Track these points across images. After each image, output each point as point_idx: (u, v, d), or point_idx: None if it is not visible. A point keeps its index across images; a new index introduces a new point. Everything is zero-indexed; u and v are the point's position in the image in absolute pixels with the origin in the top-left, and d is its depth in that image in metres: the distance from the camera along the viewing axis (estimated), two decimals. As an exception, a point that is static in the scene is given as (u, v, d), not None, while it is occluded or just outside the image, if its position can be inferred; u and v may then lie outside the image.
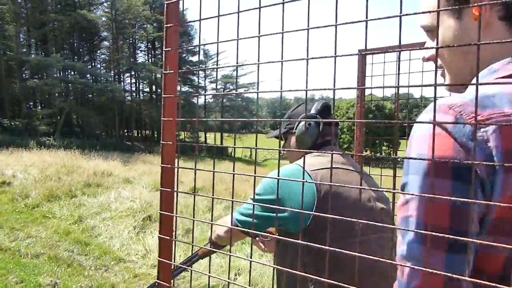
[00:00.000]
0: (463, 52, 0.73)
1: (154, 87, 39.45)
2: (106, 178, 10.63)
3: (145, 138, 38.74)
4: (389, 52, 1.64)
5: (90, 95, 34.60)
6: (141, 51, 40.64)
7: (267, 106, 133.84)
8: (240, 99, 44.30)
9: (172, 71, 0.90)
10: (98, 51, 37.96)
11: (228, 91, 43.87)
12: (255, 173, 0.82)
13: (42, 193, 7.86)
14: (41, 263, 4.56)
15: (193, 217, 1.24)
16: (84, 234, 5.73)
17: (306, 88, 0.65)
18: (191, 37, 40.86)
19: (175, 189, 0.95)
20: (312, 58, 0.60)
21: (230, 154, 41.78)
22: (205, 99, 43.08)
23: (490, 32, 0.70)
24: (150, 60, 39.33)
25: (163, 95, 0.92)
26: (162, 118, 0.93)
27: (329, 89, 0.59)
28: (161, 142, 0.94)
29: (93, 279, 4.23)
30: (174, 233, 0.94)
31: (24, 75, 30.71)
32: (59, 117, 29.34)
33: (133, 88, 39.09)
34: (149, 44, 39.95)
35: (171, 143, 0.93)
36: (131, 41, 38.38)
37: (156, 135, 39.63)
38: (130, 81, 38.90)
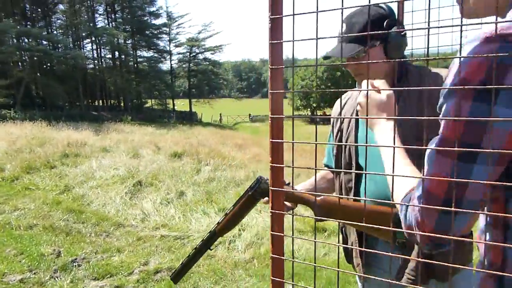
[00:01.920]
0: None
1: (117, 53, 37.77)
2: (82, 148, 10.30)
3: (111, 107, 37.48)
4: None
5: (50, 64, 32.78)
6: (100, 14, 38.49)
7: (232, 70, 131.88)
8: (207, 62, 43.29)
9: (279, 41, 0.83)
10: (54, 16, 35.61)
11: (194, 55, 42.73)
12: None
13: (19, 166, 7.54)
14: (37, 233, 4.44)
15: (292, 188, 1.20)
16: (75, 203, 5.59)
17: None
18: (154, -2, 39.01)
19: (284, 165, 0.90)
20: (348, 7, 0.59)
21: (199, 120, 41.34)
22: (170, 64, 41.89)
23: None
24: (110, 25, 37.39)
25: (270, 67, 0.85)
26: (270, 91, 0.87)
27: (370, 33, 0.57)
28: (270, 116, 0.88)
29: (96, 245, 4.18)
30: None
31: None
32: (18, 88, 27.75)
33: (95, 55, 37.28)
34: (108, 7, 37.83)
35: (282, 116, 0.88)
36: (88, 4, 36.18)
37: (122, 104, 38.43)
38: (92, 47, 37.01)
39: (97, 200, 5.74)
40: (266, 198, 1.42)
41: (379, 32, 1.25)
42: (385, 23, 1.25)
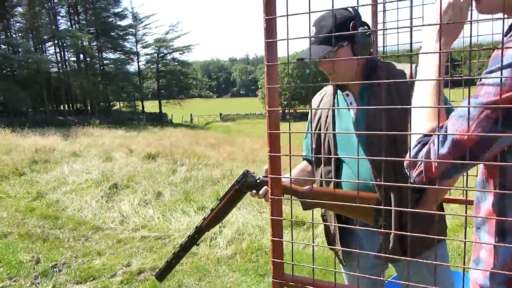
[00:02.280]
0: None
1: (82, 56, 36.74)
2: (51, 154, 10.05)
3: (78, 111, 36.44)
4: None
5: (10, 69, 31.49)
6: (62, 16, 37.29)
7: (201, 69, 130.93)
8: (176, 63, 42.79)
9: (276, 40, 0.91)
10: (12, 19, 34.21)
11: (162, 56, 42.17)
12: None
13: (-14, 174, 7.29)
14: (12, 241, 4.33)
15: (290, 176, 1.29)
16: (50, 209, 5.48)
17: None
18: (119, -1, 38.15)
19: (281, 153, 0.98)
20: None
21: (170, 121, 40.85)
22: (138, 65, 41.16)
23: None
24: (74, 27, 36.30)
25: (266, 63, 0.92)
26: (266, 86, 0.94)
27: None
28: (267, 109, 0.95)
29: (76, 249, 4.13)
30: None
31: None
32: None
33: (59, 58, 36.07)
34: (70, 9, 36.72)
35: (278, 109, 0.96)
36: (49, 6, 35.00)
37: (89, 107, 37.42)
38: (55, 50, 35.77)
39: (72, 205, 5.64)
40: (254, 191, 1.49)
41: (345, 33, 1.35)
42: (350, 25, 1.35)
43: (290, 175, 1.18)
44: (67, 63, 37.22)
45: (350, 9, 1.38)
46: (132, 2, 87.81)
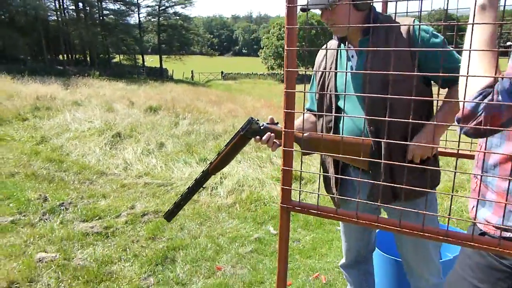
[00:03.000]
0: None
1: (81, 5, 35.73)
2: (53, 102, 10.09)
3: (77, 62, 35.92)
4: None
5: (8, 15, 30.68)
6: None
7: (203, 26, 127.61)
8: (178, 17, 41.73)
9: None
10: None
11: (164, 8, 41.07)
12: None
13: (-11, 117, 7.36)
14: (20, 181, 4.47)
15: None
16: (54, 153, 5.60)
17: None
18: None
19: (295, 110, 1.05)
20: None
21: (171, 76, 40.45)
22: (139, 18, 40.16)
23: None
24: (73, -27, 35.06)
25: (286, 26, 0.98)
26: (286, 48, 0.99)
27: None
28: (285, 69, 1.01)
29: (81, 191, 4.28)
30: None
31: None
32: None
33: (57, 6, 35.07)
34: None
35: (296, 70, 1.02)
36: (48, -51, 33.60)
37: (89, 58, 36.86)
38: (54, -3, 34.75)
39: (76, 151, 5.76)
40: (258, 137, 1.59)
41: None
42: None
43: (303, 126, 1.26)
44: (66, 12, 36.25)
45: None
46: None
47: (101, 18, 37.87)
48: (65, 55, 35.54)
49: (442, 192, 1.66)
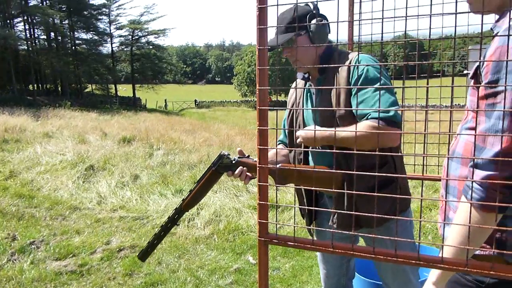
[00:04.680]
0: None
1: (52, 34, 35.43)
2: (22, 134, 9.85)
3: (48, 92, 35.25)
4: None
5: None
6: (32, -8, 35.68)
7: (176, 55, 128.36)
8: (151, 47, 41.94)
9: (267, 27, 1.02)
10: (-23, -8, 32.48)
11: (137, 38, 41.21)
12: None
13: (-45, 152, 7.09)
14: (-13, 219, 4.30)
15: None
16: (24, 188, 5.43)
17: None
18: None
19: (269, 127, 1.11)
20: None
21: (144, 106, 40.19)
22: (111, 47, 40.11)
23: None
24: (45, 3, 34.91)
25: (258, 47, 1.05)
26: (258, 67, 1.06)
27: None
28: (258, 88, 1.08)
29: (54, 227, 4.16)
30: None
31: None
32: None
33: (28, 36, 34.63)
34: (41, -16, 35.23)
35: (267, 88, 1.08)
36: (18, -20, 33.40)
37: (60, 88, 36.26)
38: (24, 27, 34.33)
39: (47, 185, 5.61)
40: (230, 172, 1.62)
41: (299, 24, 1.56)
42: (307, 17, 1.55)
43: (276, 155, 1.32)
44: (37, 41, 35.83)
45: (311, 4, 1.59)
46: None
47: (73, 47, 37.60)
48: (35, 85, 34.88)
49: (408, 218, 1.73)
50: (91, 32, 38.65)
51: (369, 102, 1.47)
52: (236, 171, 1.59)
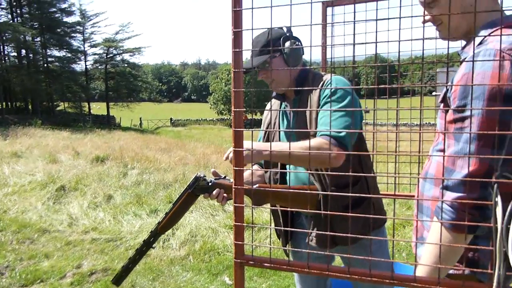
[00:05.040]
0: (462, 14, 1.05)
1: (24, 52, 34.68)
2: (-11, 154, 9.48)
3: (18, 110, 34.23)
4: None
5: None
6: (2, 8, 35.00)
7: (151, 73, 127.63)
8: (126, 65, 41.59)
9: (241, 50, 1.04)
10: None
11: (112, 56, 40.83)
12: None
13: None
14: None
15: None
16: (-10, 211, 5.20)
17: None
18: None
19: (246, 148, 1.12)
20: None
21: (118, 124, 39.56)
22: (85, 65, 39.55)
23: None
24: (16, 20, 34.25)
25: (233, 70, 1.06)
26: (233, 89, 1.07)
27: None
28: (233, 109, 1.09)
29: (20, 252, 3.98)
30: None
31: None
32: None
33: (-3, 53, 33.76)
34: (12, 0, 34.61)
35: (242, 110, 1.09)
36: (-12, -3, 32.76)
37: (31, 107, 35.30)
38: (-6, 44, 33.48)
39: (15, 207, 5.39)
40: (206, 194, 1.60)
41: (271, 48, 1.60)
42: (281, 40, 1.60)
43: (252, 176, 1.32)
44: (7, 58, 34.95)
45: (284, 28, 1.63)
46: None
47: (45, 65, 36.85)
48: (3, 103, 33.82)
49: (380, 238, 1.75)
50: (65, 50, 38.02)
51: (326, 120, 1.51)
52: (213, 193, 1.58)
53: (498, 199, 0.86)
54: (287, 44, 1.59)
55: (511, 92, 0.89)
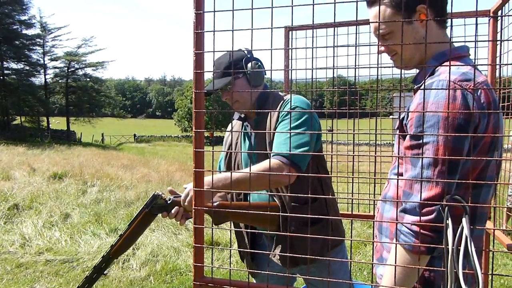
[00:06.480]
0: (415, 46, 1.12)
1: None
2: None
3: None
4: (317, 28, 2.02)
5: None
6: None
7: (115, 88, 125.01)
8: (88, 79, 40.56)
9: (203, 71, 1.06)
10: None
11: (73, 70, 39.74)
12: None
13: None
14: None
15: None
16: None
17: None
18: (25, 6, 35.33)
19: (206, 169, 1.12)
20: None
21: (79, 140, 38.27)
22: (45, 79, 38.22)
23: (430, 29, 1.10)
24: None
25: (194, 91, 1.07)
26: (194, 110, 1.07)
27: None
28: (194, 130, 1.09)
29: (-34, 276, 3.72)
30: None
31: None
32: None
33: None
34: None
35: (203, 131, 1.09)
36: None
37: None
38: None
39: (-39, 228, 5.05)
40: (165, 212, 1.55)
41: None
42: (243, 61, 1.65)
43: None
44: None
45: (244, 50, 1.69)
46: (41, 11, 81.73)
47: (1, 78, 35.27)
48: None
49: (338, 259, 1.78)
50: (23, 62, 36.62)
51: (278, 140, 1.55)
52: (172, 212, 1.54)
53: (449, 221, 0.91)
54: (249, 65, 1.63)
55: (463, 122, 0.95)
